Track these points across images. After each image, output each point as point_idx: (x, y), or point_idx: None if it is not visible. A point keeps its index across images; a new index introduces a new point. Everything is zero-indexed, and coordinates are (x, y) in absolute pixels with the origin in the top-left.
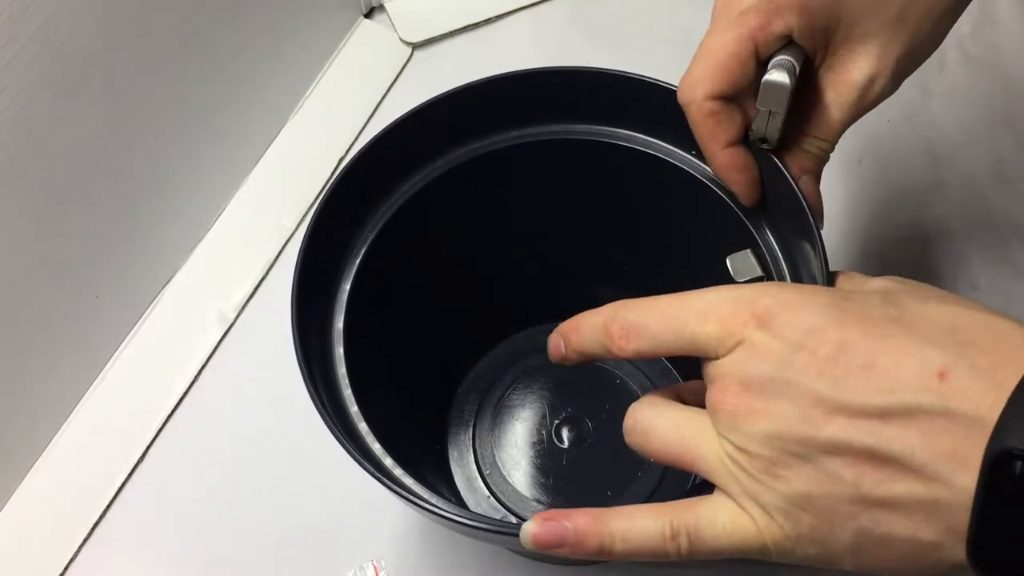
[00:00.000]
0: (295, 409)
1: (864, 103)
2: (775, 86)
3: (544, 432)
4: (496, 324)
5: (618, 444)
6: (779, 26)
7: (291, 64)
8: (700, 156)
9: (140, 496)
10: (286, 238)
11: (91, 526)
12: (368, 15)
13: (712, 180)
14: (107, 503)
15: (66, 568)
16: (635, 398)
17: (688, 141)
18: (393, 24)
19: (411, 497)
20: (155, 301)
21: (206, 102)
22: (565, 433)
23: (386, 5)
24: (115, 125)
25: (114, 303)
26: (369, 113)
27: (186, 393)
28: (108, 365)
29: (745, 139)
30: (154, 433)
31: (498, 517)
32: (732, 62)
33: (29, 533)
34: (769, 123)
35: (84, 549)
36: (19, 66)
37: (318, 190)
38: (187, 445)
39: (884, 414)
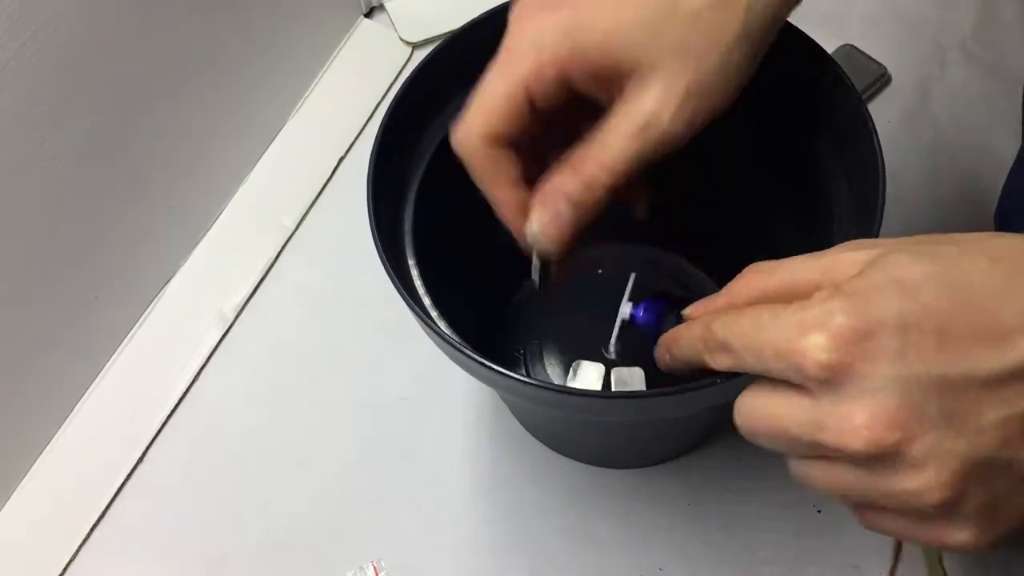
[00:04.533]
0: (295, 409)
1: (647, 137)
2: None
3: (593, 344)
4: None
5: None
6: (551, 74)
7: (291, 64)
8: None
9: (140, 496)
10: (286, 238)
11: (91, 526)
12: (368, 15)
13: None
14: (107, 503)
15: (66, 568)
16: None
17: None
18: (393, 24)
19: (490, 365)
20: (155, 301)
21: (206, 102)
22: (612, 347)
23: (386, 5)
24: (114, 126)
25: (114, 303)
26: (369, 113)
27: (186, 393)
28: (108, 365)
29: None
30: (154, 433)
31: None
32: (505, 107)
33: (29, 533)
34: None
35: (84, 549)
36: (19, 66)
37: (318, 190)
38: (187, 445)
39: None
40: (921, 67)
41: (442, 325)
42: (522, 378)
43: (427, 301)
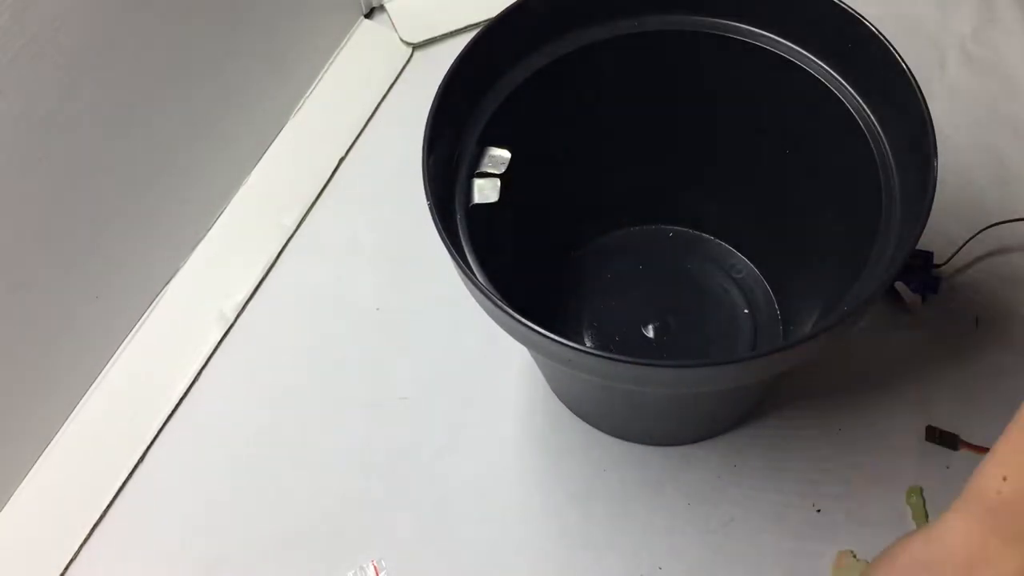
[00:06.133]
0: (295, 409)
1: None
2: None
3: (632, 323)
4: (600, 217)
5: (697, 343)
6: None
7: (291, 64)
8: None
9: (140, 496)
10: (286, 238)
11: (91, 526)
12: (368, 15)
13: (829, 80)
14: (107, 503)
15: (66, 568)
16: (719, 303)
17: (817, 44)
18: (393, 24)
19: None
20: (155, 301)
21: (206, 102)
22: (651, 327)
23: (386, 5)
24: (115, 126)
25: (114, 303)
26: (369, 113)
27: (186, 393)
28: (108, 365)
29: None
30: (154, 433)
31: None
32: None
33: (29, 533)
34: None
35: (84, 549)
36: (19, 67)
37: (318, 190)
38: (187, 445)
39: None
40: (921, 67)
41: (481, 277)
42: (567, 343)
43: (471, 258)
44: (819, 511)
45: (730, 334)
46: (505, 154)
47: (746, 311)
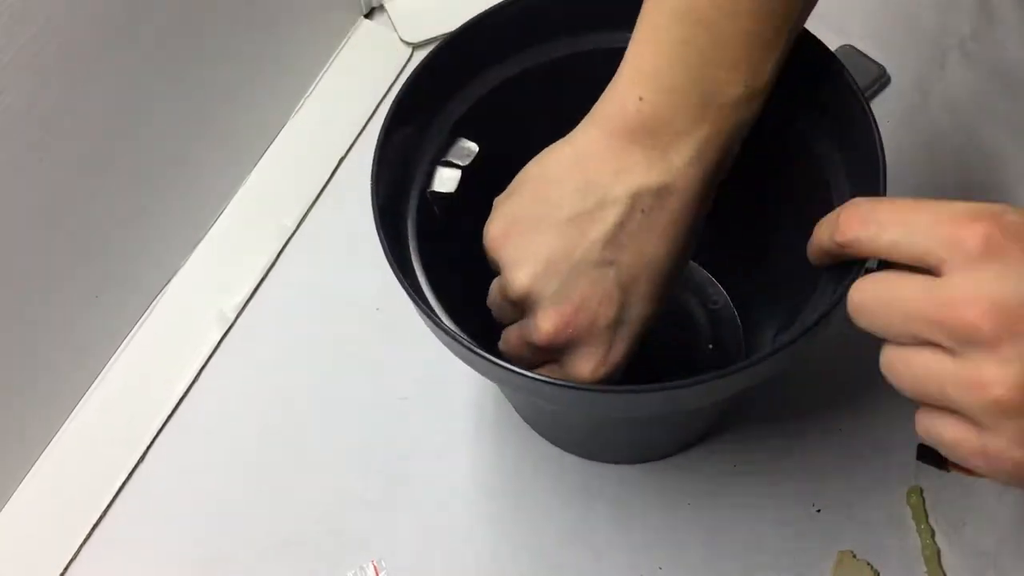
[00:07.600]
0: (295, 409)
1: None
2: None
3: None
4: None
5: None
6: None
7: (291, 64)
8: None
9: (140, 496)
10: (286, 238)
11: (91, 526)
12: (368, 15)
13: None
14: (107, 503)
15: (66, 568)
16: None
17: None
18: (393, 24)
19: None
20: (155, 301)
21: (206, 102)
22: None
23: (386, 5)
24: (115, 126)
25: (114, 303)
26: (369, 113)
27: (186, 393)
28: (108, 365)
29: None
30: (154, 433)
31: None
32: None
33: (29, 533)
34: None
35: (84, 549)
36: (19, 67)
37: (318, 190)
38: (187, 445)
39: None
40: (921, 67)
41: (447, 321)
42: (522, 372)
43: (431, 298)
44: (819, 511)
45: (690, 361)
46: (473, 146)
47: (711, 346)
